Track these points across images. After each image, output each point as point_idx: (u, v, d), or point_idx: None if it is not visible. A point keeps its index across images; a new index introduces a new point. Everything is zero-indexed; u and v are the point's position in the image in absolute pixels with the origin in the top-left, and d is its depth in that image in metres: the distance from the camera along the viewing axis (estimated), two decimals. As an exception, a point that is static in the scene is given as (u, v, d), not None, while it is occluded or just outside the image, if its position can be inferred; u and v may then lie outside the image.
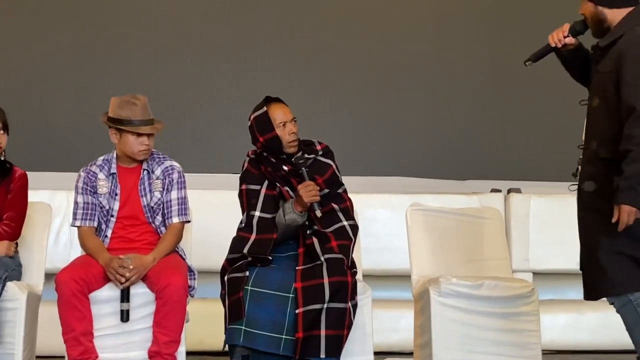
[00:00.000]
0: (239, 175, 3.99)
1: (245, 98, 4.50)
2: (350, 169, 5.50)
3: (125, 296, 3.81)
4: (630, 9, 3.30)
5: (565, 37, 3.44)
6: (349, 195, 4.05)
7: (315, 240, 3.77)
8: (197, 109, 6.52)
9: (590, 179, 3.31)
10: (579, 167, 3.43)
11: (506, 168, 6.36)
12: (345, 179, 4.14)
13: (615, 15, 3.31)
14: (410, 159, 6.53)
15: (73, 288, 3.72)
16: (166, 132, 4.27)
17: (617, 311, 3.32)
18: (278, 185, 3.88)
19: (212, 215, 5.03)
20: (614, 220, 3.17)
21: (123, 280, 3.78)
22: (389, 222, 5.48)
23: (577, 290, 3.64)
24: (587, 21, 3.39)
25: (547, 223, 5.58)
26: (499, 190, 5.76)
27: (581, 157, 3.41)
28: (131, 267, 3.80)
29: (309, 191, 3.76)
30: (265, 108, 3.91)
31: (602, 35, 3.35)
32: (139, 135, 3.97)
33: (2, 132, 4.04)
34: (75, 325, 3.74)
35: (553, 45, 3.45)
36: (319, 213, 3.76)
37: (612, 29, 3.31)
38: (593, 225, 3.31)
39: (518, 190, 5.72)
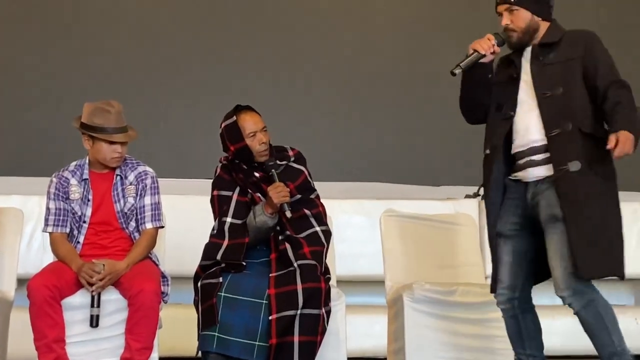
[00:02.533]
0: (211, 181, 3.99)
1: (219, 103, 4.49)
2: (325, 175, 5.50)
3: (95, 301, 3.78)
4: (550, 22, 3.56)
5: (492, 45, 3.52)
6: (323, 200, 4.05)
7: (287, 246, 3.77)
8: (171, 114, 6.50)
9: (574, 158, 3.34)
10: (525, 160, 3.44)
11: (480, 174, 6.38)
12: (320, 185, 4.14)
13: (543, 27, 3.54)
14: (385, 164, 6.55)
15: (45, 294, 3.69)
16: (140, 137, 4.25)
17: (577, 312, 3.33)
18: (250, 191, 3.88)
19: (185, 221, 5.02)
20: (610, 145, 3.22)
21: (100, 284, 3.76)
22: (363, 227, 5.48)
23: (549, 296, 3.65)
24: (515, 32, 3.49)
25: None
26: (473, 196, 5.79)
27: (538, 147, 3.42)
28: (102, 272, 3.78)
29: (278, 192, 3.75)
30: (234, 117, 3.89)
31: (523, 46, 3.51)
32: (112, 143, 3.95)
33: None
34: (47, 332, 3.71)
35: (483, 52, 3.50)
36: (288, 214, 3.75)
37: (545, 35, 3.51)
38: (595, 203, 3.33)
39: (491, 196, 5.73)
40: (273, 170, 3.83)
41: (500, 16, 3.56)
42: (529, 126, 3.45)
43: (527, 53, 3.54)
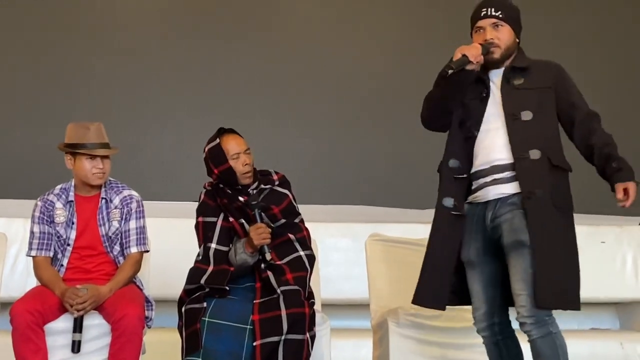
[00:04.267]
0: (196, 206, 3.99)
1: (205, 125, 4.50)
2: (311, 198, 5.51)
3: (77, 326, 3.76)
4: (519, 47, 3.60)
5: (480, 55, 3.50)
6: (309, 223, 4.05)
7: (269, 273, 3.76)
8: (156, 137, 6.50)
9: (542, 187, 3.34)
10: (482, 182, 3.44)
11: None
12: (306, 207, 4.13)
13: (516, 50, 3.56)
14: (371, 187, 6.56)
15: (28, 320, 3.67)
16: (125, 159, 4.25)
17: (533, 340, 3.32)
18: (231, 219, 3.87)
19: (171, 244, 5.00)
20: (618, 196, 3.28)
21: (79, 307, 3.74)
22: (349, 250, 5.48)
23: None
24: (498, 47, 3.49)
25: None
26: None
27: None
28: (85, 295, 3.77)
29: (259, 234, 3.76)
30: (218, 140, 3.91)
31: (499, 64, 3.51)
32: (93, 158, 3.95)
33: None
34: (30, 357, 3.68)
35: (473, 59, 3.46)
36: (268, 256, 3.76)
37: (516, 59, 3.53)
38: (560, 235, 3.34)
39: (477, 220, 5.74)
40: (256, 210, 3.83)
41: (478, 31, 3.54)
42: (493, 145, 3.44)
43: (495, 74, 3.53)
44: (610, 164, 3.33)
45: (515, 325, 3.44)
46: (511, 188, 3.39)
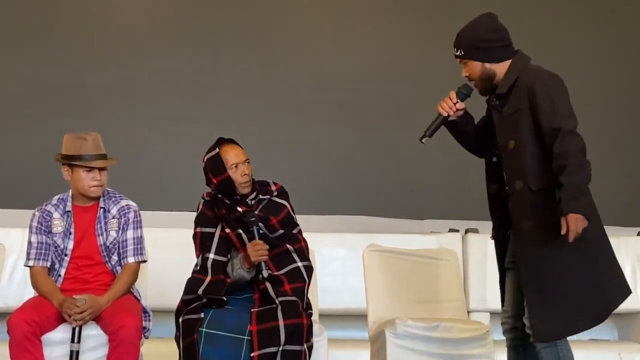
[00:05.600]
0: (194, 217, 3.99)
1: (202, 135, 4.50)
2: (309, 208, 5.50)
3: (75, 337, 3.76)
4: (511, 59, 3.54)
5: (455, 104, 3.59)
6: (307, 233, 4.06)
7: (268, 284, 3.76)
8: (153, 147, 6.50)
9: (525, 219, 3.38)
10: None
11: (464, 208, 6.38)
12: (303, 218, 4.14)
13: (502, 69, 3.53)
14: (369, 198, 6.56)
15: (25, 330, 3.67)
16: (122, 169, 4.25)
17: (538, 350, 3.38)
18: (228, 231, 3.88)
19: (168, 254, 5.00)
20: (563, 231, 3.24)
21: (77, 317, 3.73)
22: (346, 261, 5.47)
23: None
24: (474, 82, 3.56)
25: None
26: (457, 230, 5.80)
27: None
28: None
29: (257, 250, 3.77)
30: (217, 150, 3.93)
31: (491, 91, 3.55)
32: (90, 169, 3.96)
33: None
34: (27, 367, 3.69)
35: (445, 114, 3.59)
36: (265, 273, 3.76)
37: (502, 80, 3.51)
38: (546, 263, 3.36)
39: (475, 230, 5.75)
40: (254, 227, 3.83)
41: None
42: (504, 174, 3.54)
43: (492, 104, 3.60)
44: (560, 189, 3.29)
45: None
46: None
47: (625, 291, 3.46)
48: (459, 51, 3.54)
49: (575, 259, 3.36)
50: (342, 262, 5.50)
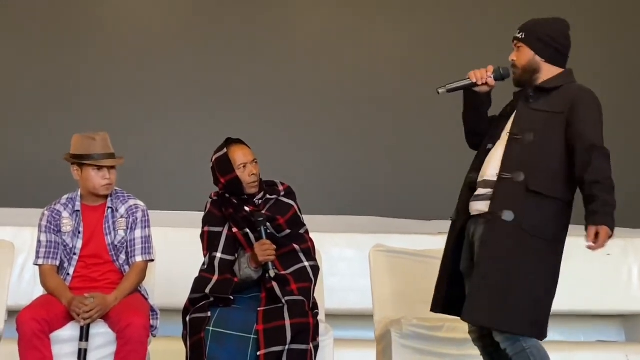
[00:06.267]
0: (202, 216, 4.02)
1: (210, 136, 4.53)
2: (317, 209, 5.52)
3: (84, 335, 3.79)
4: (562, 70, 3.55)
5: (488, 77, 3.56)
6: (314, 233, 4.08)
7: (274, 284, 3.79)
8: (161, 147, 6.53)
9: (510, 208, 3.36)
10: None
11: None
12: (311, 218, 4.16)
13: (548, 70, 3.53)
14: (376, 198, 6.57)
15: (34, 328, 3.70)
16: (130, 169, 4.28)
17: (510, 357, 3.35)
18: (235, 230, 3.90)
19: (176, 253, 5.03)
20: (590, 240, 3.25)
21: (85, 315, 3.77)
22: (353, 261, 5.48)
23: (561, 332, 3.66)
24: (517, 69, 3.54)
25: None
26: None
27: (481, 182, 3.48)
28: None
29: (264, 250, 3.79)
30: (225, 149, 3.95)
31: (524, 85, 3.55)
32: (100, 168, 3.99)
33: None
34: (36, 365, 3.72)
35: (474, 81, 3.55)
36: (272, 273, 3.78)
37: (545, 80, 3.51)
38: (511, 258, 3.35)
39: (481, 230, 5.75)
40: (262, 227, 3.86)
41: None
42: (491, 160, 3.49)
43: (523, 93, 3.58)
44: (590, 205, 3.30)
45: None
46: (486, 206, 3.44)
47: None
48: (521, 34, 3.53)
49: (540, 268, 3.37)
50: (349, 262, 5.51)
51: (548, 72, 3.52)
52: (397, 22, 6.92)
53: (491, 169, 3.47)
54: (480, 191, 3.49)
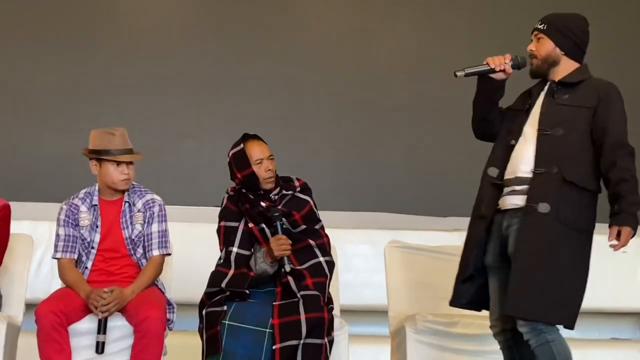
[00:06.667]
0: (218, 211, 4.04)
1: (226, 132, 4.56)
2: (332, 204, 5.54)
3: (101, 328, 3.83)
4: (579, 64, 3.58)
5: (506, 64, 3.56)
6: (329, 229, 4.10)
7: (290, 278, 3.81)
8: (179, 142, 6.56)
9: (545, 200, 3.38)
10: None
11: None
12: (326, 214, 4.17)
13: (566, 64, 3.56)
14: (392, 195, 6.58)
15: (52, 321, 3.74)
16: (147, 164, 4.31)
17: (533, 349, 3.37)
18: (251, 225, 3.93)
19: (192, 248, 5.06)
20: (611, 239, 3.28)
21: (103, 308, 3.81)
22: (369, 257, 5.50)
23: (580, 329, 3.66)
24: (535, 59, 3.55)
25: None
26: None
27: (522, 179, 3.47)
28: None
29: (280, 245, 3.81)
30: (242, 145, 3.98)
31: (540, 76, 3.57)
32: (118, 164, 4.03)
33: None
34: (54, 357, 3.75)
35: (493, 67, 3.55)
36: (287, 268, 3.80)
37: (567, 75, 3.54)
38: (550, 250, 3.37)
39: (498, 228, 5.75)
40: (278, 222, 3.88)
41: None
42: (522, 157, 3.49)
43: (545, 87, 3.59)
44: (614, 204, 3.33)
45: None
46: (522, 201, 3.45)
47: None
48: (542, 25, 3.55)
49: (576, 259, 3.40)
50: (365, 258, 5.53)
51: (566, 65, 3.55)
52: (413, 20, 6.93)
53: (523, 165, 3.48)
54: (514, 188, 3.49)
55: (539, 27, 3.57)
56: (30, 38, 6.55)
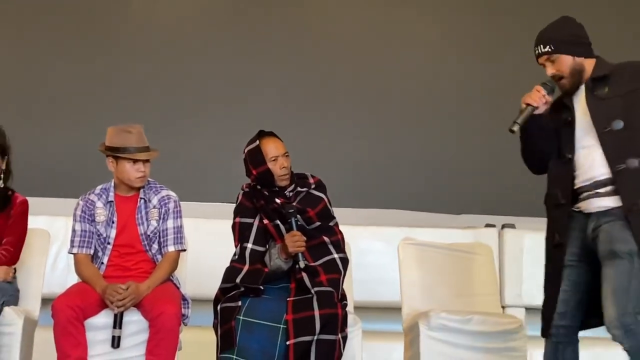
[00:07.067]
0: (234, 207, 4.07)
1: (241, 128, 4.58)
2: (346, 202, 5.55)
3: (117, 322, 3.87)
4: (595, 58, 3.58)
5: (543, 95, 3.53)
6: (343, 226, 4.12)
7: (304, 275, 3.83)
8: (193, 139, 6.58)
9: None
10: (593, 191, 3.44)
11: (501, 203, 6.39)
12: (341, 211, 4.19)
13: (589, 64, 3.56)
14: (406, 192, 6.58)
15: (69, 315, 3.78)
16: (163, 161, 4.34)
17: (627, 350, 3.29)
18: (266, 222, 3.95)
19: (207, 244, 5.08)
20: None
21: (119, 303, 3.84)
22: (382, 254, 5.50)
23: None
24: (563, 79, 3.53)
25: (541, 259, 5.57)
26: (493, 225, 5.80)
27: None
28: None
29: (294, 241, 3.84)
30: (257, 142, 4.00)
31: (577, 88, 3.54)
32: (135, 161, 4.06)
33: None
34: (70, 351, 3.79)
35: (536, 104, 3.51)
36: (302, 264, 3.82)
37: (594, 71, 3.52)
38: None
39: (512, 226, 5.76)
40: (292, 218, 3.90)
41: (544, 67, 3.58)
42: (592, 163, 3.45)
43: (580, 92, 3.55)
44: None
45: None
46: (613, 202, 3.40)
47: None
48: (547, 47, 3.52)
49: None
50: (379, 255, 5.53)
51: (589, 65, 3.54)
52: (430, 16, 6.92)
53: (597, 169, 3.43)
54: (596, 191, 3.44)
55: (546, 50, 3.53)
56: (43, 37, 6.58)
